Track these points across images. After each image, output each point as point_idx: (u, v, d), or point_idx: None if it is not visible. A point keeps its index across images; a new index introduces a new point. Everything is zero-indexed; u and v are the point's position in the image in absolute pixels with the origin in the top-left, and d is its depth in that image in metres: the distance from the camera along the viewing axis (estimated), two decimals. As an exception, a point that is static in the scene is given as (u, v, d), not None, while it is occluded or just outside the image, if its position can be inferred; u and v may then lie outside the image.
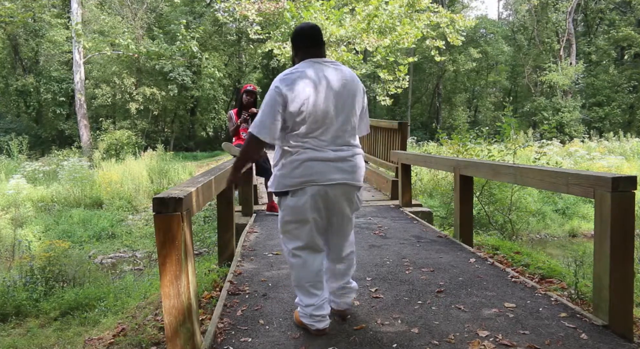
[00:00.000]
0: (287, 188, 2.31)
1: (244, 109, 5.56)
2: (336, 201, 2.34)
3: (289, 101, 2.22)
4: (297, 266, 2.41)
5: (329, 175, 2.28)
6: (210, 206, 8.21)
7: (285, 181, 2.31)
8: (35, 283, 4.81)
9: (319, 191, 2.28)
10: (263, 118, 2.25)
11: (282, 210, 2.39)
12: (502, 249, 4.78)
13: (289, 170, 2.29)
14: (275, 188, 2.37)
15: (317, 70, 2.29)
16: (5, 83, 21.73)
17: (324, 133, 2.28)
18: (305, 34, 2.38)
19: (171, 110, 25.06)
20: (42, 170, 12.21)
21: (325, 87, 2.26)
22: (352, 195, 2.40)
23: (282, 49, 12.77)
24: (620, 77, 26.98)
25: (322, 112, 2.25)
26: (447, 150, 8.77)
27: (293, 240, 2.40)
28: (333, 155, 2.29)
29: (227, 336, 2.42)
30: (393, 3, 12.06)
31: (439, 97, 31.31)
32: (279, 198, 2.41)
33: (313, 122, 2.25)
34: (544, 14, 27.40)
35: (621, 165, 12.15)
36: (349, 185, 2.34)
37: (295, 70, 2.29)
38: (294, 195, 2.30)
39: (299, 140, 2.27)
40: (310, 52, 2.36)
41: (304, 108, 2.22)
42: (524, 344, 2.26)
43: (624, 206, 2.38)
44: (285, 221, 2.39)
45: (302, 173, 2.27)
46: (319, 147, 2.28)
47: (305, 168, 2.26)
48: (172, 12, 23.65)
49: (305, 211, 2.30)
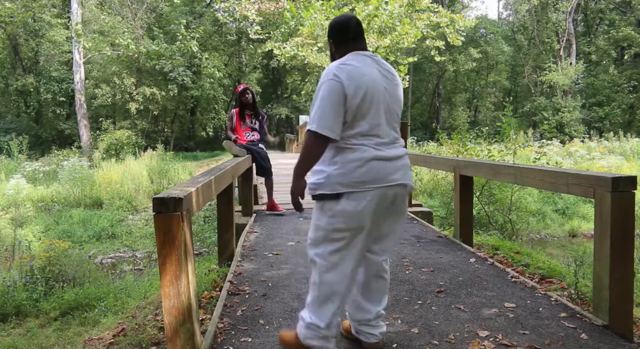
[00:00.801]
0: (344, 190, 2.01)
1: (246, 108, 5.66)
2: (393, 204, 2.12)
3: (350, 93, 1.98)
4: (331, 268, 2.07)
5: (391, 175, 2.05)
6: (210, 206, 8.22)
7: (343, 182, 2.00)
8: (35, 283, 4.81)
9: (380, 194, 2.03)
10: (325, 112, 1.96)
11: (330, 216, 2.04)
12: (502, 249, 4.78)
13: (349, 169, 2.00)
14: (328, 189, 2.03)
15: (367, 62, 2.09)
16: (5, 83, 21.75)
17: (382, 129, 2.07)
18: (352, 27, 2.17)
19: (171, 110, 25.07)
20: (42, 170, 12.21)
21: (379, 80, 2.08)
22: (405, 197, 2.18)
23: (282, 49, 12.77)
24: (620, 77, 26.99)
25: (380, 106, 2.06)
26: (447, 150, 8.77)
27: (333, 243, 2.07)
28: (392, 153, 2.08)
29: (227, 336, 2.42)
30: (393, 3, 12.07)
31: (439, 97, 31.33)
32: (322, 203, 2.08)
33: (373, 117, 2.04)
34: (544, 14, 27.40)
35: (621, 165, 12.14)
36: (404, 185, 2.12)
37: (349, 61, 2.06)
38: (350, 198, 2.00)
39: (359, 137, 2.03)
40: (355, 45, 2.16)
41: (365, 102, 2.01)
42: (524, 344, 2.26)
43: (624, 206, 2.38)
44: (335, 229, 2.04)
45: (365, 173, 2.00)
46: (379, 144, 2.06)
47: (370, 168, 2.01)
48: (172, 12, 23.65)
49: (363, 217, 2.02)
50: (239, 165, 4.48)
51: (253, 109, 5.74)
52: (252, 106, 5.71)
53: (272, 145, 20.07)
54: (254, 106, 5.74)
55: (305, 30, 12.32)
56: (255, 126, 5.79)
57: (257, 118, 5.82)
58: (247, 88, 5.70)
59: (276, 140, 6.08)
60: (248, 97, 5.61)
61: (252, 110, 5.73)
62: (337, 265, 2.06)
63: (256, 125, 5.80)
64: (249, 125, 5.74)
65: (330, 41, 2.23)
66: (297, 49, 12.39)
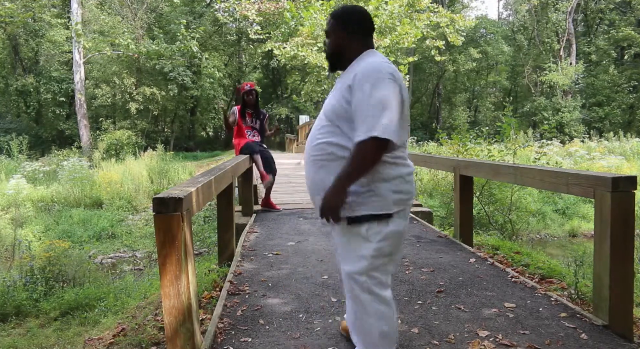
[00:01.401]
0: (396, 209, 1.79)
1: (248, 107, 5.68)
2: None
3: (405, 97, 1.77)
4: (388, 316, 1.84)
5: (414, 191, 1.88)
6: (210, 206, 8.21)
7: (395, 199, 1.78)
8: (35, 283, 4.81)
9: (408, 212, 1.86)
10: (392, 115, 1.68)
11: (380, 240, 1.77)
12: (502, 249, 4.78)
13: (398, 185, 1.78)
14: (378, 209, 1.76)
15: None
16: (5, 83, 21.75)
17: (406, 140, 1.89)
18: (369, 18, 1.90)
19: (171, 110, 25.08)
20: (42, 170, 12.21)
21: None
22: None
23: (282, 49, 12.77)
24: (620, 77, 26.99)
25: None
26: (447, 150, 8.77)
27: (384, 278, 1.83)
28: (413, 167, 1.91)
29: (227, 336, 2.42)
30: (393, 3, 12.07)
31: (439, 97, 31.33)
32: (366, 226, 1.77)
33: (407, 126, 1.85)
34: (544, 14, 27.40)
35: (621, 165, 12.15)
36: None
37: (387, 61, 1.80)
38: (399, 217, 1.80)
39: (399, 149, 1.80)
40: (370, 41, 1.91)
41: (406, 109, 1.81)
42: (524, 344, 2.26)
43: (624, 206, 2.38)
44: (385, 254, 1.79)
45: (408, 189, 1.81)
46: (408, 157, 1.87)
47: (411, 183, 1.82)
48: (172, 12, 23.65)
49: (403, 237, 1.84)
50: (239, 165, 4.48)
51: (254, 109, 5.76)
52: (254, 106, 5.74)
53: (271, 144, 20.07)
54: (255, 106, 5.76)
55: (305, 30, 12.32)
56: (255, 126, 5.79)
57: (257, 118, 5.81)
58: (253, 89, 5.71)
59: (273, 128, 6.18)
60: (252, 97, 5.64)
61: (253, 109, 5.75)
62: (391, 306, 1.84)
63: (257, 125, 5.80)
64: (249, 124, 5.76)
65: (343, 33, 1.89)
66: (297, 49, 12.39)
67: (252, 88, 5.67)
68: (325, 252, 3.96)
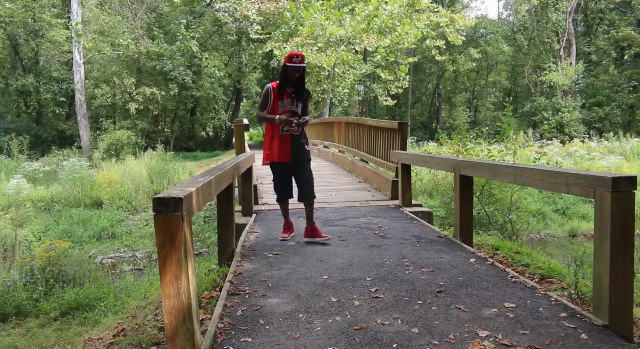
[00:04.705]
0: None
1: (289, 85, 4.11)
2: None
3: None
4: None
5: None
6: (210, 206, 8.21)
7: None
8: (36, 283, 4.81)
9: None
10: None
11: None
12: (502, 249, 4.78)
13: None
14: None
15: None
16: (5, 83, 21.73)
17: None
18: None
19: (171, 110, 25.06)
20: (42, 170, 12.22)
21: None
22: None
23: (283, 49, 12.78)
24: (620, 77, 27.00)
25: None
26: (447, 150, 8.77)
27: None
28: None
29: (227, 336, 2.42)
30: (393, 3, 12.08)
31: (439, 97, 31.33)
32: None
33: None
34: (544, 14, 27.40)
35: (621, 165, 12.15)
36: None
37: None
38: None
39: None
40: None
41: None
42: (524, 344, 2.26)
43: (624, 206, 2.38)
44: None
45: None
46: None
47: None
48: (172, 12, 23.62)
49: None
50: (239, 165, 4.48)
51: (297, 87, 4.12)
52: (298, 83, 4.10)
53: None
54: (300, 82, 4.11)
55: (305, 30, 12.32)
56: (297, 110, 4.17)
57: (299, 100, 4.17)
58: (303, 64, 4.04)
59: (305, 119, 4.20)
60: (298, 75, 3.99)
61: (295, 87, 4.12)
62: None
63: (298, 109, 4.17)
64: (288, 107, 4.15)
65: None
66: (297, 49, 12.40)
67: (302, 63, 4.00)
68: (325, 252, 3.96)
